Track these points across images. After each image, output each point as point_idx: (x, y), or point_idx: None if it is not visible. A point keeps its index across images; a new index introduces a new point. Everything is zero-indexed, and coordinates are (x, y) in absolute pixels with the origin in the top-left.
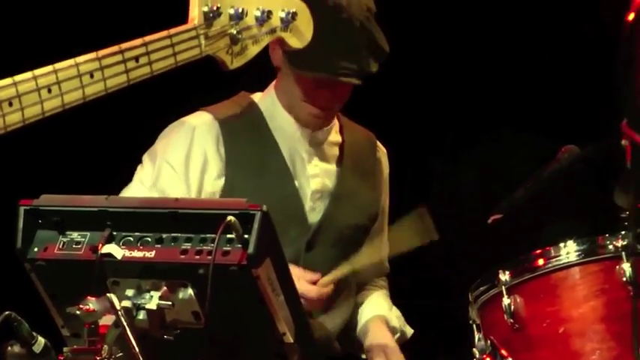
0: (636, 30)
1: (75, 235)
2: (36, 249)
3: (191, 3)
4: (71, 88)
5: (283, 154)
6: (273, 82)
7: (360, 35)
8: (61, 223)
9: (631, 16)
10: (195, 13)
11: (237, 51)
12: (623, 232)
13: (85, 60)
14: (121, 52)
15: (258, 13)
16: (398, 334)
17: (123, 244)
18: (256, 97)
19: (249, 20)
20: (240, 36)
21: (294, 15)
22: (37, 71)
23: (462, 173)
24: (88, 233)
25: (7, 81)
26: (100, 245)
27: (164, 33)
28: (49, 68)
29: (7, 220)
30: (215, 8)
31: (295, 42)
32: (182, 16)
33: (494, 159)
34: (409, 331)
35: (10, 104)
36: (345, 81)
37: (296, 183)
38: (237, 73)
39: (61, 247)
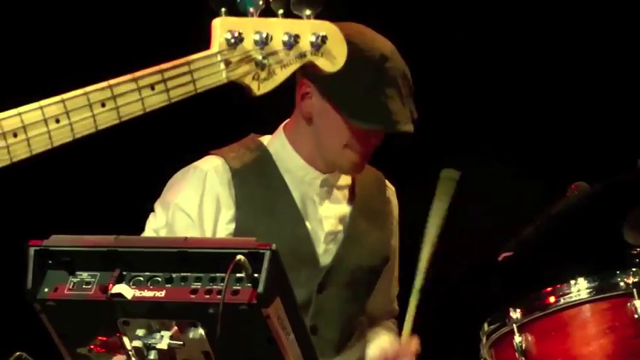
0: None
1: (85, 275)
2: (46, 289)
3: (213, 29)
4: (81, 118)
5: (294, 196)
6: (283, 125)
7: (405, 83)
8: (70, 263)
9: None
10: (216, 39)
11: (263, 76)
12: (633, 269)
13: (95, 89)
14: (135, 79)
15: (286, 38)
16: None
17: (133, 284)
18: (265, 139)
19: (276, 45)
20: (266, 61)
21: (324, 38)
22: (44, 101)
23: (470, 208)
24: (98, 273)
25: (12, 112)
26: (110, 285)
27: (182, 60)
28: (56, 98)
29: (16, 259)
30: (237, 34)
31: (328, 65)
32: (206, 43)
33: (503, 194)
34: None
35: (15, 135)
36: (404, 130)
37: (308, 225)
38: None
39: (71, 287)
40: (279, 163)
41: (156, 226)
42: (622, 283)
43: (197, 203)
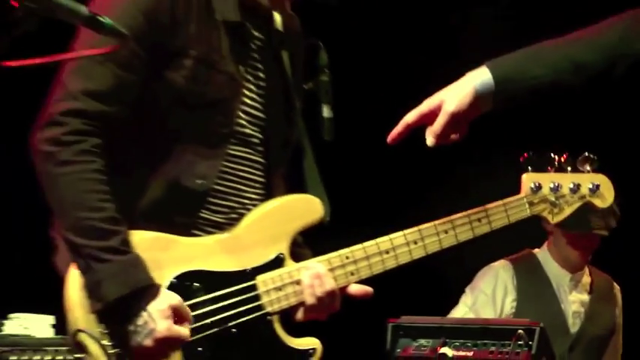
0: None
1: (422, 342)
2: (398, 350)
3: (522, 181)
4: (431, 241)
5: (553, 288)
6: (546, 242)
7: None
8: (415, 333)
9: None
10: (523, 188)
11: (556, 211)
12: None
13: (440, 222)
14: (467, 215)
15: (571, 186)
16: None
17: (453, 348)
18: (535, 251)
19: (564, 190)
20: (557, 201)
21: (598, 186)
22: (407, 230)
23: None
24: (431, 340)
25: (385, 238)
26: (439, 348)
27: (500, 202)
28: (415, 228)
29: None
30: (538, 184)
31: (600, 203)
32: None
33: None
34: None
35: (387, 252)
36: (602, 234)
37: (562, 307)
38: None
39: (413, 349)
40: (544, 266)
41: (466, 302)
42: None
43: (492, 288)
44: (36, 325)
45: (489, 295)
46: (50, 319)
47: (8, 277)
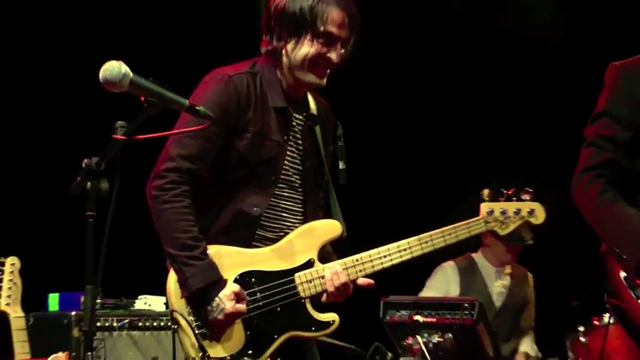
0: None
1: (403, 312)
2: (387, 318)
3: (480, 209)
4: (416, 249)
5: (484, 278)
6: (481, 248)
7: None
8: (398, 307)
9: None
10: (481, 212)
11: (503, 227)
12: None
13: (423, 236)
14: (442, 231)
15: (515, 210)
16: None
17: (422, 316)
18: (473, 255)
19: (510, 213)
20: (505, 220)
21: (534, 209)
22: (399, 242)
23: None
24: (408, 311)
25: (383, 248)
26: (413, 316)
27: (464, 222)
28: (404, 241)
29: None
30: (491, 210)
31: (535, 221)
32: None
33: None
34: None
35: (385, 257)
36: (529, 244)
37: (489, 290)
38: None
39: (397, 317)
40: (478, 264)
41: (426, 292)
42: None
43: (443, 282)
44: (155, 302)
45: (441, 288)
46: (163, 299)
47: (139, 273)
